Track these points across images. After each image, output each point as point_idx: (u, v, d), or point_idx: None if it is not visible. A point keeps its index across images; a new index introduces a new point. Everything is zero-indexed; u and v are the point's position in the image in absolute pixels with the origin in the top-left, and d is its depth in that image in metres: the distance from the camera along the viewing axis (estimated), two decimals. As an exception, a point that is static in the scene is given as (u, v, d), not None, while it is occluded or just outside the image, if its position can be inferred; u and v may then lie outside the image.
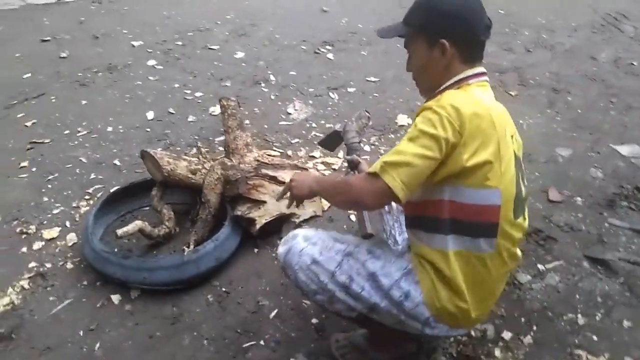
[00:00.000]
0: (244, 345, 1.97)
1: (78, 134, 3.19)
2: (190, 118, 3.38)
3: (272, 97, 3.62)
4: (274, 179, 2.40)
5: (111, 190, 2.57)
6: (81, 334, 2.04)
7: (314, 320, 2.05)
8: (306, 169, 2.62)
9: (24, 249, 2.40)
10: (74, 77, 3.84)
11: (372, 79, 3.80)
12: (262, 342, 1.98)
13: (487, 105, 1.39)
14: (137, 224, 2.25)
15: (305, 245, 1.57)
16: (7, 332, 2.05)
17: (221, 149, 2.94)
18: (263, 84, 3.78)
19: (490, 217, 1.41)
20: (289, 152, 3.00)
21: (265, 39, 4.44)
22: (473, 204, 1.39)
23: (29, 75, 3.86)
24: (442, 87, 1.47)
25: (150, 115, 3.39)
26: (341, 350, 1.89)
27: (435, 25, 1.45)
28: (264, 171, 2.40)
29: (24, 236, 2.47)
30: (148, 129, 3.25)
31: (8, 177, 2.85)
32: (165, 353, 1.97)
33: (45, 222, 2.55)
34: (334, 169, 2.86)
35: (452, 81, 1.45)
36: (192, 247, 2.25)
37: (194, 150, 2.99)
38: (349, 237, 1.64)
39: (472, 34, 1.44)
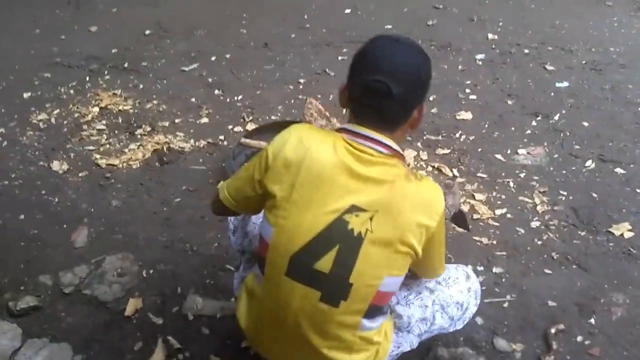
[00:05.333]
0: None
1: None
2: (436, 111, 3.43)
3: (527, 131, 3.24)
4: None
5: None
6: (182, 190, 2.79)
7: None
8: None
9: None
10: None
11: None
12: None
13: (323, 165, 1.26)
14: (262, 144, 2.74)
15: None
16: (166, 160, 2.99)
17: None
18: (539, 118, 3.38)
19: (261, 249, 1.39)
20: (460, 180, 2.81)
21: (611, 83, 3.73)
22: (259, 232, 1.42)
23: None
24: None
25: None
26: None
27: None
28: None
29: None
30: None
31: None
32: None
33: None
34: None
35: (340, 126, 1.37)
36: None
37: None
38: None
39: (351, 86, 1.33)
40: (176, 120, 3.32)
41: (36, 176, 2.86)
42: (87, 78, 3.77)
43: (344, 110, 1.41)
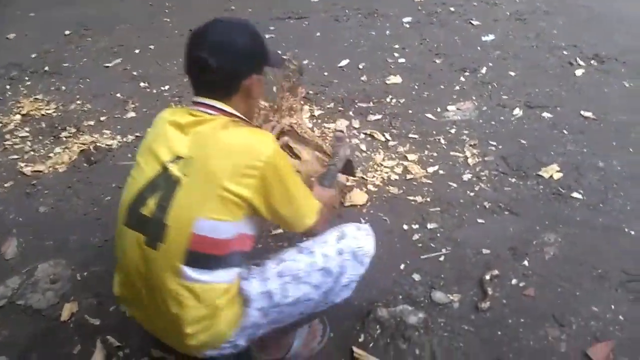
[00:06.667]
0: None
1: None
2: (366, 79, 3.44)
3: (456, 87, 3.27)
4: (289, 148, 2.41)
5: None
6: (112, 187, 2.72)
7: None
8: (328, 154, 2.50)
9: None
10: (335, 13, 4.29)
11: (588, 114, 2.94)
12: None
13: (160, 122, 1.45)
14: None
15: None
16: (93, 160, 2.90)
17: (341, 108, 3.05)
18: (467, 73, 3.41)
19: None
20: (392, 144, 2.82)
21: (535, 30, 3.80)
22: None
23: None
24: None
25: (343, 62, 3.61)
26: None
27: None
28: (285, 138, 2.42)
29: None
30: (326, 74, 3.50)
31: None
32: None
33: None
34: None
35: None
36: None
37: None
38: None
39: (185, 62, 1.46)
40: (102, 118, 3.23)
41: (-41, 192, 2.74)
42: (8, 86, 3.62)
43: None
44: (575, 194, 2.43)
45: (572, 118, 2.93)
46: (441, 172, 2.63)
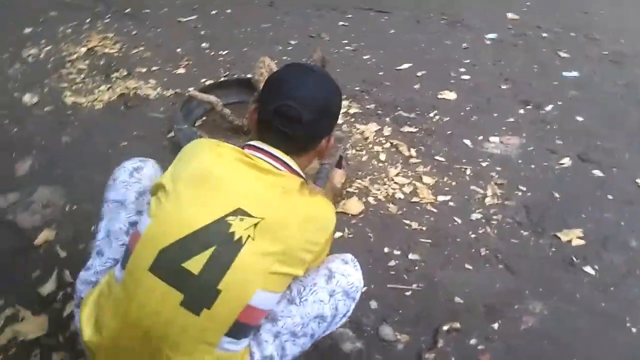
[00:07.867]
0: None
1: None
2: (419, 87, 3.25)
3: (510, 119, 2.98)
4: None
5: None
6: (133, 134, 2.79)
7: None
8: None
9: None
10: (419, 15, 4.06)
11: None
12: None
13: (213, 163, 1.24)
14: (211, 98, 2.67)
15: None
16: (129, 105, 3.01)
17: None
18: (530, 106, 3.09)
19: (130, 242, 1.24)
20: (413, 161, 2.64)
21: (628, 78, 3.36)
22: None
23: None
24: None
25: (404, 66, 3.45)
26: None
27: None
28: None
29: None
30: (381, 73, 3.36)
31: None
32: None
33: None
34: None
35: (248, 142, 1.35)
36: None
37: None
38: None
39: (262, 106, 1.32)
40: (153, 68, 3.33)
41: (5, 105, 2.95)
42: (88, 20, 3.85)
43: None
44: (588, 269, 2.13)
45: (625, 184, 2.56)
46: (451, 203, 2.42)
